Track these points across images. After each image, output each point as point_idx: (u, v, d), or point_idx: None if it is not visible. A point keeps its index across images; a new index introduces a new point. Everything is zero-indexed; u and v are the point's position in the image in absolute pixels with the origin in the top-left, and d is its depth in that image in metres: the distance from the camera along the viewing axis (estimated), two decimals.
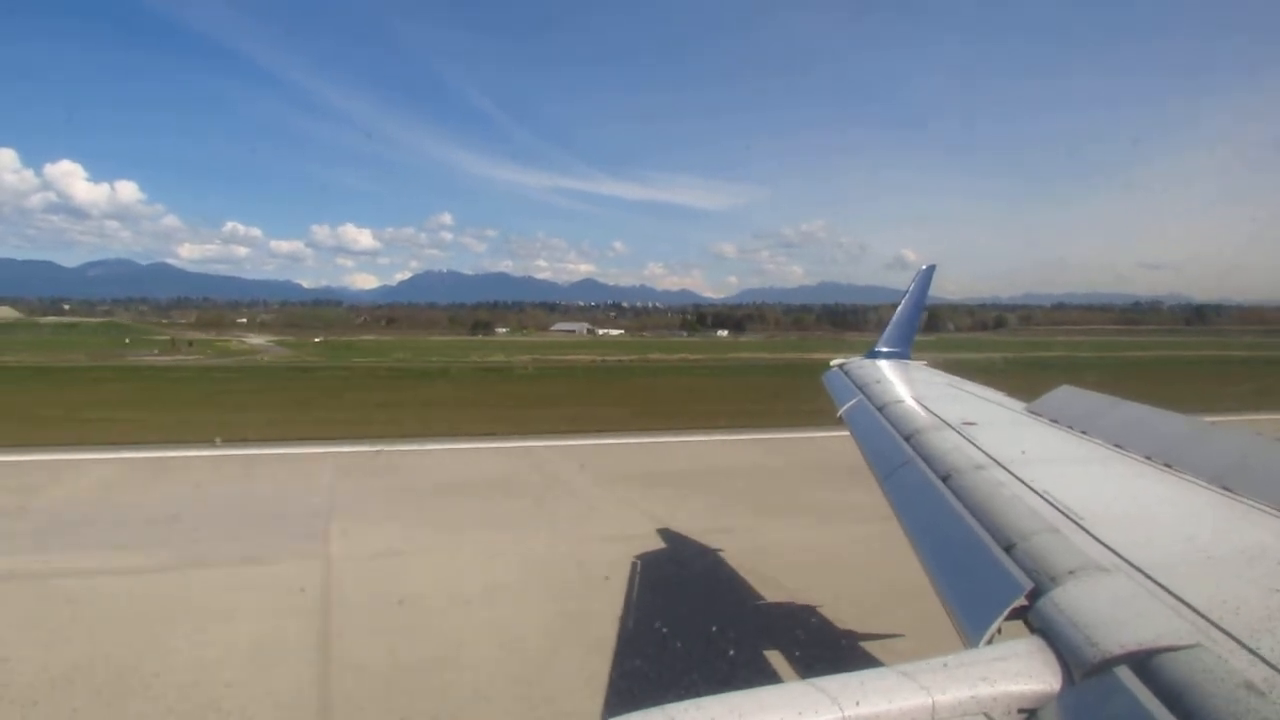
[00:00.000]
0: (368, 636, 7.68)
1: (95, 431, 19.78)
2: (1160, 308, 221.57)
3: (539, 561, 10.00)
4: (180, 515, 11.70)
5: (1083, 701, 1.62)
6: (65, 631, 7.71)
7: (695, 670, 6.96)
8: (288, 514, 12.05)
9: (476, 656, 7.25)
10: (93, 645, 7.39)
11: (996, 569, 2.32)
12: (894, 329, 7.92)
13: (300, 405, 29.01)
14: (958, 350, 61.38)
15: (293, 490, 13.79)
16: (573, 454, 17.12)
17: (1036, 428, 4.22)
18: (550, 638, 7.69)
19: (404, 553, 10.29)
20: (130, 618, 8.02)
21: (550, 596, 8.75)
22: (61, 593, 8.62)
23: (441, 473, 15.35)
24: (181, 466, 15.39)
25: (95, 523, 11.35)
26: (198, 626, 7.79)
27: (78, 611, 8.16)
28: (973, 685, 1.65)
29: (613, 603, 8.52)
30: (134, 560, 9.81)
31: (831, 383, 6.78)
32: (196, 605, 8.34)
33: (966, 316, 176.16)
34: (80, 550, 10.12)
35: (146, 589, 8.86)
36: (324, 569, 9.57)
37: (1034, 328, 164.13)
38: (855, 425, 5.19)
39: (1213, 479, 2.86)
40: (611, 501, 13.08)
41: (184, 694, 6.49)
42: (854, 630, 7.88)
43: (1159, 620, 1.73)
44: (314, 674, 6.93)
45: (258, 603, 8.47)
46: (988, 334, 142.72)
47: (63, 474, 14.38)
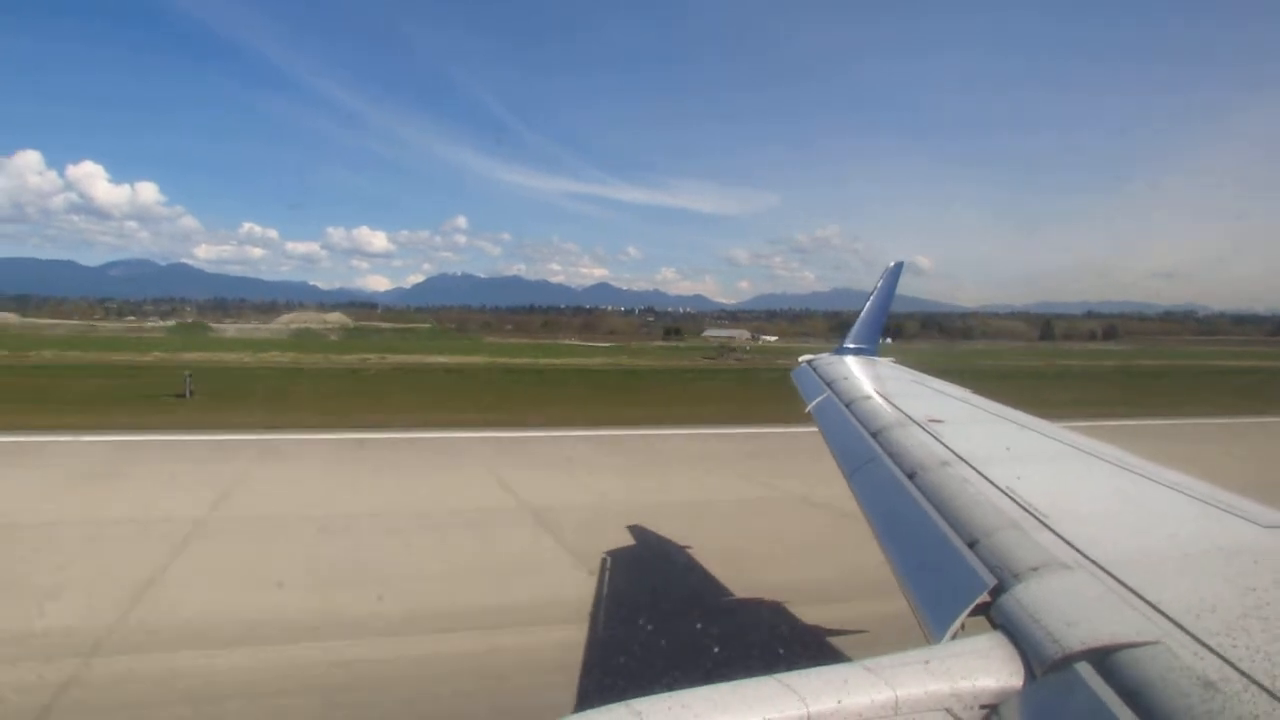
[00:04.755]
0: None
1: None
2: (1194, 316, 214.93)
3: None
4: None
5: (1043, 697, 1.63)
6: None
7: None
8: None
9: None
10: None
11: (960, 565, 2.33)
12: (861, 326, 7.98)
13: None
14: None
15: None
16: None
17: (1004, 425, 4.28)
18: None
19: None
20: None
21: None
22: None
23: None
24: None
25: None
26: None
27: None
28: (936, 680, 1.65)
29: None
30: None
31: (800, 379, 6.80)
32: None
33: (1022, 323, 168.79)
34: None
35: None
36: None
37: (1143, 338, 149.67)
38: (823, 421, 5.21)
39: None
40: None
41: None
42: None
43: (1120, 617, 1.75)
44: None
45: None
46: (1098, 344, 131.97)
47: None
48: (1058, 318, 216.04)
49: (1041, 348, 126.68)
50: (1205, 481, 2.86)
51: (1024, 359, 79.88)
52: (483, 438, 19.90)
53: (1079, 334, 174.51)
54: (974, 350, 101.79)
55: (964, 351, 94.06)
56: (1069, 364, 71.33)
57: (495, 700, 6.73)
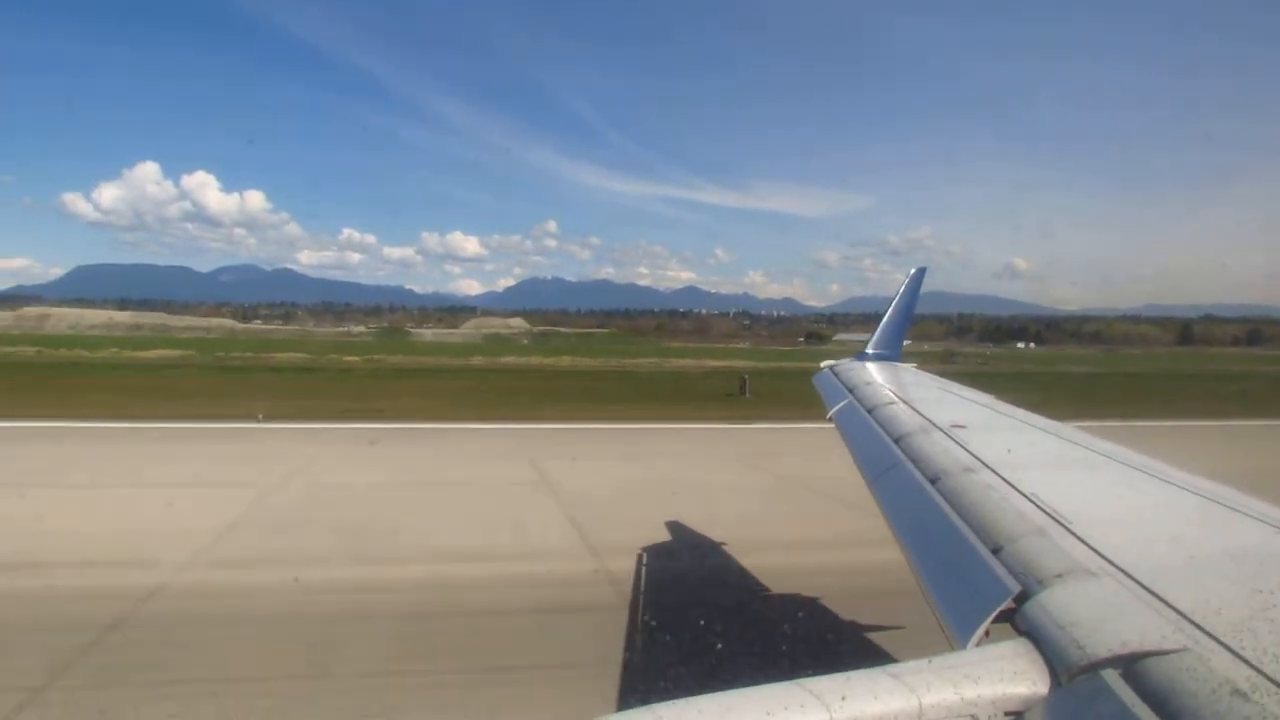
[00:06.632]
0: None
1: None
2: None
3: None
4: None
5: (1069, 704, 1.62)
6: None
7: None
8: None
9: None
10: None
11: (984, 571, 2.32)
12: (884, 331, 7.94)
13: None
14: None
15: None
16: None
17: (1028, 431, 4.23)
18: None
19: None
20: None
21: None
22: None
23: None
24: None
25: None
26: None
27: None
28: (960, 687, 1.65)
29: None
30: None
31: (822, 384, 6.78)
32: None
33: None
34: None
35: None
36: None
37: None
38: (845, 427, 5.19)
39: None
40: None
41: None
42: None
43: (1146, 624, 1.73)
44: None
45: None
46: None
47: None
48: (1169, 320, 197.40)
49: (1184, 354, 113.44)
50: (1237, 489, 2.81)
51: (1198, 364, 73.70)
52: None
53: (1218, 338, 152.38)
54: (1126, 356, 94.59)
55: (1108, 357, 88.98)
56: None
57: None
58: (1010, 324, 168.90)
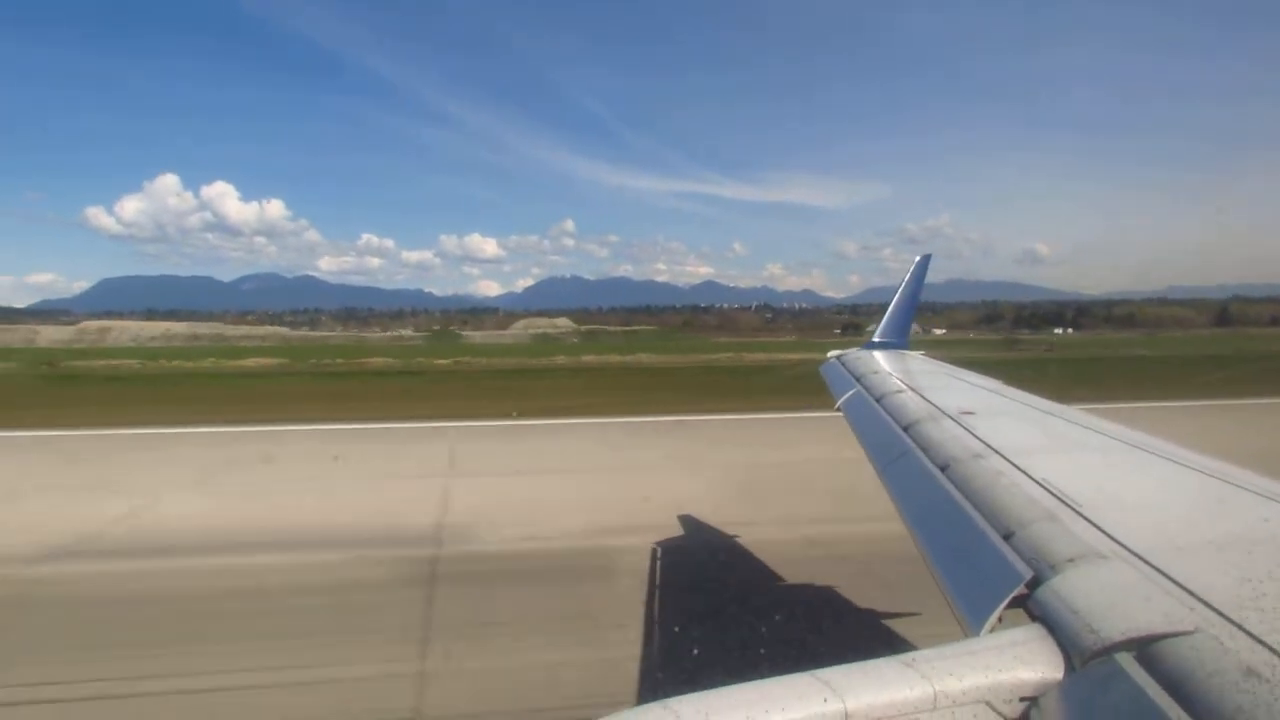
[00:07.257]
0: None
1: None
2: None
3: None
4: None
5: (1084, 689, 1.63)
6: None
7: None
8: None
9: None
10: None
11: (996, 558, 2.32)
12: (890, 320, 7.91)
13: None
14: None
15: None
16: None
17: (1036, 416, 4.22)
18: None
19: None
20: None
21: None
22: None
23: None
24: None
25: None
26: None
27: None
28: (975, 674, 1.66)
29: None
30: None
31: (829, 374, 6.77)
32: None
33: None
34: None
35: None
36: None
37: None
38: (853, 416, 5.19)
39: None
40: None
41: None
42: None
43: (1159, 606, 1.73)
44: None
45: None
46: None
47: None
48: (1199, 302, 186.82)
49: (1225, 335, 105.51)
50: (1249, 469, 2.80)
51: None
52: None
53: (1254, 319, 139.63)
54: (1172, 339, 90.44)
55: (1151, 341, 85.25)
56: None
57: None
58: (1041, 310, 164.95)
